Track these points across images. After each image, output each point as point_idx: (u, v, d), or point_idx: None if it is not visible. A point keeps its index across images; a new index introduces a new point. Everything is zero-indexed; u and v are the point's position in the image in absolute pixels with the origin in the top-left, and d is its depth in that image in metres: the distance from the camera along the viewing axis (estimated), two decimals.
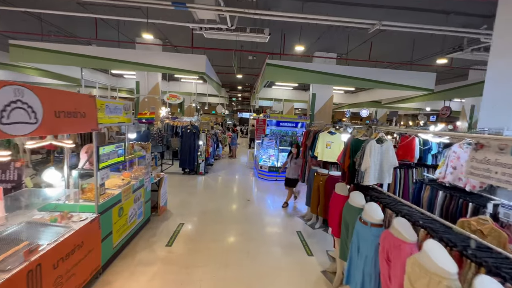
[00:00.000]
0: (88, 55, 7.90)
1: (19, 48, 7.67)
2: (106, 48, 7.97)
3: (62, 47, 7.82)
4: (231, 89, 23.39)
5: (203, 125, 8.51)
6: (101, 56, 7.93)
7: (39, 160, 7.47)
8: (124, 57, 7.98)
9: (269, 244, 4.11)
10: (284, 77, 8.44)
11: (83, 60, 7.94)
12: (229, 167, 10.08)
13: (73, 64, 8.26)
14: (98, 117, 3.31)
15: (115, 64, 8.01)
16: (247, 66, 13.66)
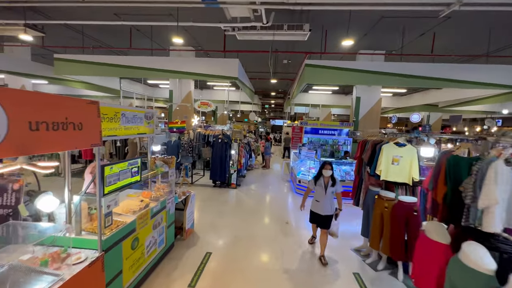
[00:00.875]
0: (124, 65, 7.90)
1: (62, 62, 7.97)
2: (140, 57, 7.90)
3: (100, 58, 7.94)
4: (264, 96, 22.84)
5: (235, 134, 7.88)
6: (136, 65, 7.88)
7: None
8: (157, 65, 7.80)
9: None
10: (324, 79, 7.43)
11: (120, 70, 7.96)
12: (263, 179, 9.25)
13: (111, 74, 8.36)
14: (112, 128, 2.76)
15: (149, 72, 7.87)
16: (281, 71, 12.88)
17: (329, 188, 3.73)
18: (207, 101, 7.96)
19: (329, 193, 3.74)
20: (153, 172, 3.61)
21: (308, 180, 3.86)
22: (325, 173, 3.77)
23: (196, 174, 9.38)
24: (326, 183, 3.77)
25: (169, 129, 8.05)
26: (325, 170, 3.78)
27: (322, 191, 3.76)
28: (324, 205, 3.75)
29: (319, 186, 3.80)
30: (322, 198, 3.76)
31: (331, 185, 3.75)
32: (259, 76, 12.42)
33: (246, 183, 8.49)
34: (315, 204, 3.87)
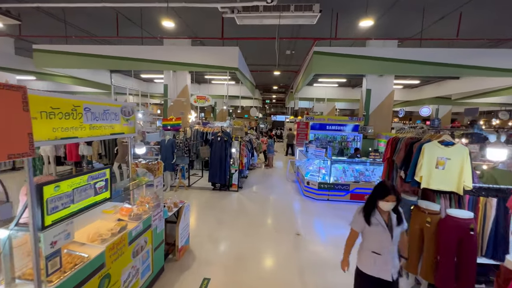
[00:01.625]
0: (111, 55, 7.12)
1: (42, 53, 7.17)
2: (129, 47, 7.09)
3: (85, 49, 7.15)
4: (265, 91, 22.00)
5: (236, 131, 7.14)
6: (124, 55, 7.08)
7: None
8: (148, 55, 7.00)
9: None
10: (335, 68, 6.64)
11: (107, 62, 7.18)
12: (267, 180, 8.52)
13: (97, 66, 7.57)
14: (69, 128, 2.01)
15: (139, 63, 7.08)
16: (284, 63, 12.05)
17: (395, 228, 2.10)
18: (204, 95, 7.17)
19: (396, 236, 2.11)
20: (134, 183, 2.86)
21: (353, 219, 2.27)
22: (385, 206, 2.08)
23: (194, 175, 8.65)
24: (388, 220, 2.13)
25: (163, 127, 7.29)
26: (385, 203, 2.07)
27: (385, 235, 2.08)
28: (391, 260, 2.09)
29: (377, 226, 2.11)
30: (387, 247, 2.08)
31: (398, 222, 2.13)
32: (261, 69, 11.59)
33: (248, 185, 7.76)
34: (372, 260, 2.12)
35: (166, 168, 6.72)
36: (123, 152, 6.95)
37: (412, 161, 2.99)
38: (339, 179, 6.53)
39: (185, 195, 6.51)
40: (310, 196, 6.59)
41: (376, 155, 6.73)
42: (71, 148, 7.06)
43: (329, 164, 6.53)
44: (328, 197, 6.43)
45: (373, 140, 9.48)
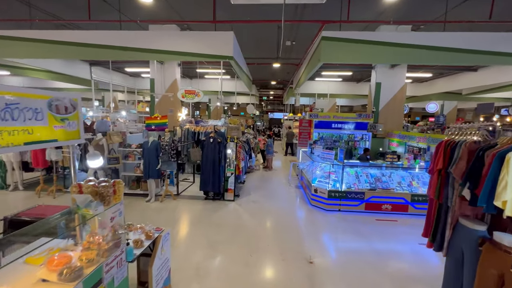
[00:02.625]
0: (85, 42, 6.01)
1: (2, 40, 6.05)
2: (106, 33, 6.00)
3: (52, 35, 6.03)
4: (262, 87, 20.98)
5: (231, 130, 6.16)
6: (101, 43, 5.99)
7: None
8: (128, 41, 5.93)
9: None
10: (347, 56, 5.68)
11: (80, 50, 6.07)
12: (267, 186, 7.57)
13: (69, 55, 6.46)
14: None
15: (119, 52, 5.99)
16: (283, 56, 11.04)
17: None
18: (193, 89, 6.15)
19: None
20: (70, 219, 1.87)
21: None
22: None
23: (185, 181, 7.66)
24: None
25: (146, 127, 6.27)
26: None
27: None
28: None
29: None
30: None
31: None
32: (258, 62, 10.58)
33: (246, 192, 6.80)
34: None
35: (150, 175, 5.73)
36: None
37: (488, 177, 2.05)
38: (352, 186, 5.62)
39: (171, 207, 5.53)
40: (319, 206, 5.67)
41: (394, 158, 5.83)
42: (36, 152, 5.99)
43: (341, 169, 5.60)
44: (339, 207, 5.52)
45: (383, 140, 8.61)
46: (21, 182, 6.45)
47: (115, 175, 6.03)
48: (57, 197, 5.95)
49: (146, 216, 5.04)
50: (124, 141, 6.27)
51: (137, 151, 6.23)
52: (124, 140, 6.29)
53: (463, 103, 18.28)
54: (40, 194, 5.96)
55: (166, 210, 5.40)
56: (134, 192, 6.18)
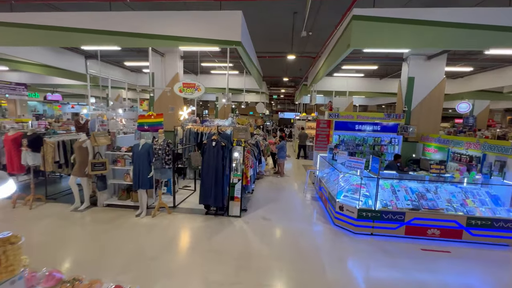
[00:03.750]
0: (61, 26, 5.08)
1: None
2: (92, 14, 5.06)
3: (30, 17, 5.14)
4: (272, 85, 19.86)
5: (238, 132, 5.13)
6: (80, 26, 5.05)
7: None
8: (117, 25, 4.97)
9: None
10: (383, 40, 4.52)
11: (55, 36, 5.11)
12: (279, 197, 6.49)
13: (43, 43, 5.52)
14: None
15: (108, 37, 5.03)
16: (297, 50, 9.92)
17: None
18: (193, 82, 5.16)
19: None
20: None
21: None
22: None
23: (185, 188, 6.70)
24: None
25: (138, 127, 5.32)
26: None
27: None
28: None
29: None
30: None
31: None
32: (270, 55, 9.50)
33: (255, 204, 5.76)
34: None
35: (141, 184, 4.78)
36: (81, 160, 5.03)
37: None
38: (389, 203, 4.47)
39: (164, 225, 4.54)
40: (345, 228, 4.55)
41: (441, 169, 4.64)
42: (10, 155, 5.15)
43: (375, 183, 4.46)
44: (372, 230, 4.38)
45: (416, 144, 7.36)
46: None
47: (102, 183, 5.11)
48: (35, 208, 5.08)
49: (132, 236, 4.08)
50: (112, 143, 5.34)
51: (128, 155, 5.29)
52: (113, 142, 5.36)
53: (495, 103, 16.59)
54: (15, 204, 5.11)
55: (157, 228, 4.42)
56: (123, 204, 5.25)
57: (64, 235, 4.07)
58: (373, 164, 4.56)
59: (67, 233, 4.13)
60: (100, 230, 4.26)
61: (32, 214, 4.82)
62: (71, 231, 4.22)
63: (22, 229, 4.18)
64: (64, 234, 4.11)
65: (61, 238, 3.97)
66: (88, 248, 3.73)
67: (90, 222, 4.56)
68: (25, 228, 4.26)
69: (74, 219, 4.69)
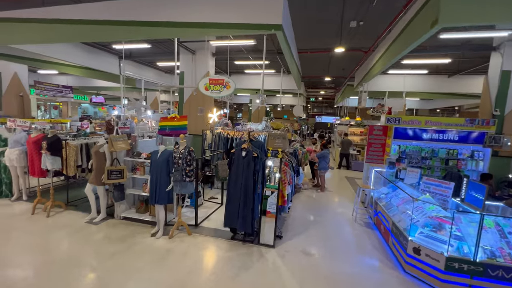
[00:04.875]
0: (82, 19, 4.62)
1: (5, 23, 5.13)
2: (107, 3, 4.52)
3: (49, 12, 4.81)
4: (309, 86, 18.43)
5: (273, 140, 4.11)
6: (102, 18, 4.55)
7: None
8: (142, 14, 4.37)
9: None
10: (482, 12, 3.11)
11: (77, 30, 4.69)
12: (321, 220, 5.27)
13: (65, 39, 5.13)
14: None
15: (130, 30, 4.47)
16: (344, 43, 8.57)
17: None
18: (220, 78, 4.28)
19: None
20: None
21: None
22: None
23: (210, 201, 5.88)
24: None
25: (159, 131, 4.64)
26: None
27: None
28: None
29: None
30: None
31: None
32: (311, 50, 8.34)
33: (292, 229, 4.65)
34: None
35: (158, 199, 4.04)
36: (97, 166, 4.49)
37: None
38: (496, 252, 3.00)
39: (181, 250, 3.71)
40: (424, 280, 3.19)
41: None
42: (32, 158, 4.87)
43: (464, 216, 3.04)
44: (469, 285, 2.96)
45: (511, 160, 5.51)
46: (26, 190, 5.48)
47: (119, 193, 4.52)
48: (52, 216, 4.70)
49: (140, 265, 3.31)
50: (132, 148, 4.75)
51: (147, 162, 4.63)
52: (133, 147, 4.77)
53: None
54: (35, 210, 4.80)
55: (172, 255, 3.60)
56: (140, 218, 4.59)
57: (67, 256, 3.47)
58: (472, 191, 3.12)
59: (71, 254, 3.54)
60: (107, 253, 3.59)
61: (45, 224, 4.41)
62: (76, 251, 3.63)
63: (26, 243, 3.72)
64: (67, 254, 3.53)
65: (60, 261, 3.37)
66: (84, 281, 3.04)
67: (100, 240, 3.95)
68: (29, 241, 3.80)
69: (85, 233, 4.14)
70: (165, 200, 4.11)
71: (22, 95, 9.48)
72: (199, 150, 6.99)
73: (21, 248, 3.63)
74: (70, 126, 8.56)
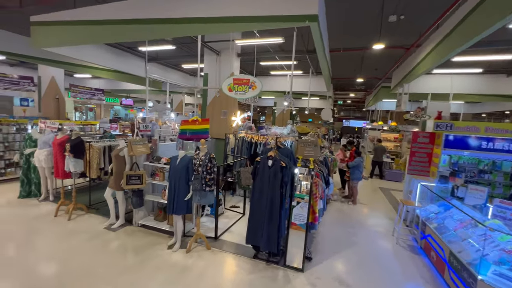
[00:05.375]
0: (110, 19, 4.53)
1: (41, 27, 5.24)
2: (127, 2, 4.36)
3: (83, 13, 4.78)
4: (336, 89, 17.48)
5: (304, 148, 3.61)
6: (126, 17, 4.39)
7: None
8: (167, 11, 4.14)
9: None
10: None
11: (103, 31, 4.60)
12: (356, 240, 4.61)
13: (93, 39, 5.05)
14: None
15: (156, 27, 4.26)
16: (385, 38, 7.78)
17: None
18: (246, 78, 3.84)
19: None
20: None
21: None
22: None
23: (232, 210, 5.49)
24: None
25: (180, 135, 4.35)
26: None
27: None
28: None
29: None
30: None
31: None
32: (345, 47, 7.67)
33: (322, 250, 4.08)
34: None
35: (176, 208, 3.73)
36: (117, 171, 4.32)
37: None
38: None
39: (199, 269, 3.33)
40: None
41: None
42: (56, 160, 4.86)
43: None
44: None
45: None
46: (52, 191, 5.53)
47: (138, 199, 4.30)
48: (73, 219, 4.62)
49: (154, 285, 2.99)
50: (152, 153, 4.52)
51: (167, 168, 4.37)
52: (153, 152, 4.54)
53: None
54: (58, 212, 4.77)
55: (188, 275, 3.24)
56: (157, 227, 4.33)
57: (78, 267, 3.26)
58: None
59: (82, 264, 3.33)
60: (120, 267, 3.33)
61: (64, 228, 4.31)
62: (88, 261, 3.41)
63: (42, 248, 3.60)
64: (78, 264, 3.32)
65: (70, 271, 3.16)
66: None
67: (115, 250, 3.72)
68: (45, 246, 3.68)
69: (101, 241, 3.95)
70: (183, 210, 3.78)
71: (58, 98, 9.98)
72: (221, 155, 6.67)
73: (35, 254, 3.51)
74: (99, 128, 8.75)
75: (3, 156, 6.58)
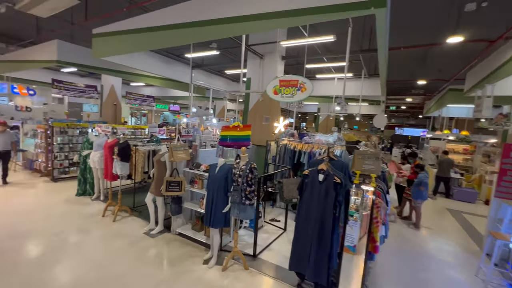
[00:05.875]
0: (159, 25, 4.56)
1: (101, 38, 5.65)
2: (172, 8, 4.31)
3: (134, 22, 4.94)
4: (389, 93, 15.76)
5: (362, 161, 3.00)
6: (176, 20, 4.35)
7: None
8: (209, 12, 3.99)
9: None
10: None
11: (154, 37, 4.65)
12: (426, 279, 3.71)
13: (146, 46, 5.17)
14: None
15: (200, 31, 4.15)
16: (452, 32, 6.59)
17: None
18: (295, 79, 3.41)
19: None
20: None
21: None
22: None
23: (271, 224, 5.04)
24: None
25: (220, 141, 4.11)
26: None
27: None
28: None
29: None
30: None
31: None
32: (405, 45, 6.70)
33: (381, 286, 3.33)
34: None
35: (213, 221, 3.45)
36: (158, 176, 4.27)
37: None
38: None
39: None
40: None
41: None
42: (106, 162, 5.08)
43: None
44: None
45: None
46: (104, 191, 5.85)
47: (176, 206, 4.17)
48: (118, 221, 4.73)
49: None
50: (192, 159, 4.38)
51: (206, 175, 4.16)
52: (193, 158, 4.40)
53: None
54: (105, 212, 4.96)
55: None
56: (194, 237, 4.12)
57: (113, 275, 3.17)
58: None
59: (118, 272, 3.24)
60: (154, 279, 3.14)
61: (108, 230, 4.40)
62: (124, 269, 3.32)
63: (83, 250, 3.65)
64: (114, 273, 3.24)
65: (103, 279, 3.07)
66: None
67: (152, 259, 3.59)
68: (86, 249, 3.73)
69: (140, 247, 3.88)
70: (221, 223, 3.47)
71: (115, 104, 10.95)
72: (262, 162, 6.31)
73: (76, 255, 3.56)
74: (147, 132, 9.24)
75: (68, 156, 7.30)
